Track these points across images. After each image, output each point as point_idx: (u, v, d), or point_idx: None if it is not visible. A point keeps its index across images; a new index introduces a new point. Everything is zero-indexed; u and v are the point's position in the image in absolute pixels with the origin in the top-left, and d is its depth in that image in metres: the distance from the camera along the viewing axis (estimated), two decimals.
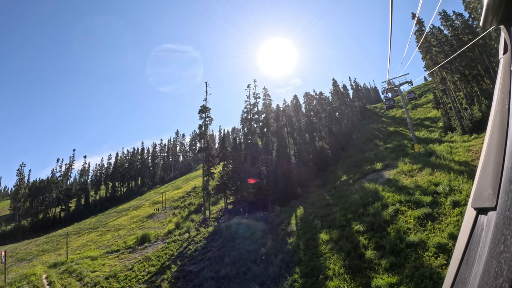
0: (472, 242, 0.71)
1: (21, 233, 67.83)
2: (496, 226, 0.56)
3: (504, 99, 0.66)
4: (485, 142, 0.74)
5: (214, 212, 33.71)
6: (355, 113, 65.82)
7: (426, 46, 36.24)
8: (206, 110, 35.36)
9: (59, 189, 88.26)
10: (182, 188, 65.51)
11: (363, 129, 60.50)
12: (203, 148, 33.43)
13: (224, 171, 30.70)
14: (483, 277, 0.56)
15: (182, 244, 27.52)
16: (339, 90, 60.69)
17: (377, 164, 27.84)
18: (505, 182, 0.58)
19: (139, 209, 55.80)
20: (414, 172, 21.32)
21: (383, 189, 19.51)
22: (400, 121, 56.77)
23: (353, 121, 61.77)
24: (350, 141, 53.46)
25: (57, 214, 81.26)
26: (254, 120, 39.81)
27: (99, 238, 40.87)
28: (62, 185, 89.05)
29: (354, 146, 48.77)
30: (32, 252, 41.43)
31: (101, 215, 62.96)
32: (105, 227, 49.84)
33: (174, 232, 32.77)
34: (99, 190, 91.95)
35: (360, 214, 17.22)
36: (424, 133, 39.66)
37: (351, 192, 22.56)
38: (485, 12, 0.66)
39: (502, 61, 0.71)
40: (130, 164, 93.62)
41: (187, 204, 46.53)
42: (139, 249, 30.58)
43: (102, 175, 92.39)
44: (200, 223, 31.72)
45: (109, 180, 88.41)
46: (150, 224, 42.68)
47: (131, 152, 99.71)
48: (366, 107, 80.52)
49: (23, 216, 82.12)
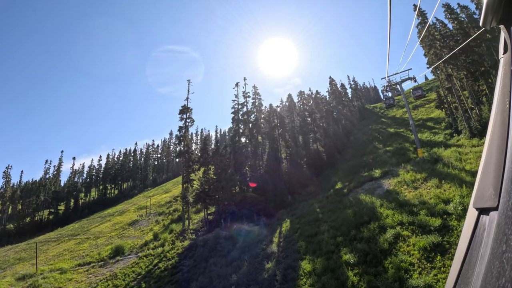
0: (474, 242, 0.71)
1: (6, 237, 65.11)
2: (498, 226, 0.56)
3: (505, 99, 0.67)
4: (486, 142, 0.74)
5: (195, 222, 30.58)
6: (354, 113, 62.55)
7: (430, 40, 33.00)
8: (188, 110, 32.12)
9: (47, 192, 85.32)
10: (171, 192, 62.47)
11: (362, 130, 57.21)
12: (183, 152, 30.23)
13: (204, 178, 27.58)
14: (486, 277, 0.55)
15: (152, 261, 24.43)
16: (336, 89, 57.38)
17: (375, 171, 24.63)
18: (506, 182, 0.58)
19: (124, 215, 53.01)
20: (418, 182, 18.10)
21: (381, 204, 16.30)
22: (401, 122, 53.45)
23: (351, 122, 58.53)
24: (347, 143, 50.19)
25: (45, 217, 78.37)
26: (243, 121, 36.62)
27: (77, 246, 38.94)
28: (51, 188, 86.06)
29: (351, 149, 45.52)
30: (9, 260, 39.17)
31: (85, 220, 60.22)
32: (85, 234, 47.72)
33: (150, 244, 30.03)
34: (89, 193, 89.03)
35: (352, 237, 14.02)
36: (427, 135, 36.37)
37: (344, 206, 19.35)
38: (485, 11, 0.67)
39: (502, 61, 0.71)
40: (122, 165, 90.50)
41: (172, 210, 43.54)
42: (110, 262, 28.42)
43: (92, 177, 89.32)
44: (178, 235, 28.60)
45: (100, 183, 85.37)
46: (130, 233, 40.01)
47: (124, 153, 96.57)
48: (365, 107, 77.23)
49: (9, 220, 79.17)
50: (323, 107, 50.67)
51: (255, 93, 38.16)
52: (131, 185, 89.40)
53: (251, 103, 37.36)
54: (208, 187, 26.50)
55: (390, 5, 3.20)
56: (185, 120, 31.55)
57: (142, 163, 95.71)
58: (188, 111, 32.13)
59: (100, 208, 73.28)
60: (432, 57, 32.22)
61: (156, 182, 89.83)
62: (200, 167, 29.64)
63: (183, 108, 32.06)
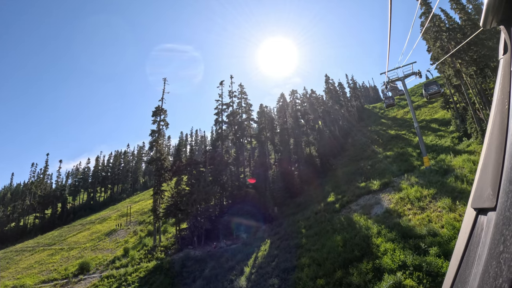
0: (472, 242, 0.71)
1: None
2: (496, 226, 0.56)
3: (504, 99, 0.67)
4: (485, 142, 0.74)
5: (170, 237, 26.99)
6: (352, 113, 58.80)
7: (435, 32, 29.34)
8: (162, 112, 28.26)
9: (33, 196, 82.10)
10: None
11: (361, 131, 53.45)
12: (154, 160, 26.53)
13: (176, 189, 23.92)
14: (483, 277, 0.56)
15: (111, 286, 20.92)
16: (333, 88, 53.58)
17: (373, 182, 20.97)
18: (504, 182, 0.58)
19: (104, 223, 49.90)
20: (425, 201, 14.47)
21: (378, 232, 12.66)
22: (402, 123, 49.64)
23: (349, 123, 54.82)
24: (344, 146, 46.49)
25: (30, 223, 75.23)
26: (227, 123, 33.01)
27: (49, 258, 36.22)
28: (37, 191, 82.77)
29: (348, 153, 41.83)
30: None
31: (66, 227, 57.22)
32: (61, 244, 45.17)
33: (117, 261, 27.09)
34: (79, 195, 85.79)
35: (337, 281, 10.40)
36: (431, 139, 32.66)
37: (334, 228, 15.71)
38: (485, 12, 0.67)
39: (502, 62, 0.72)
40: (112, 168, 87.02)
41: (152, 219, 40.23)
42: (72, 282, 27.15)
43: (80, 181, 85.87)
44: (147, 252, 25.05)
45: (88, 186, 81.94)
46: (105, 244, 37.06)
47: (115, 155, 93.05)
48: (365, 107, 73.46)
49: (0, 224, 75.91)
50: (318, 107, 46.96)
51: (242, 92, 34.49)
52: (122, 188, 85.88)
53: (237, 103, 33.74)
54: (180, 200, 22.92)
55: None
56: (158, 123, 27.67)
57: (133, 165, 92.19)
58: (162, 112, 28.29)
59: (86, 213, 70.28)
60: (438, 51, 28.57)
61: (146, 185, 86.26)
62: (173, 176, 26.10)
63: (157, 109, 28.10)
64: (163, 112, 28.46)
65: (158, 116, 28.00)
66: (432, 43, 29.92)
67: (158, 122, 27.93)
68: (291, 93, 40.22)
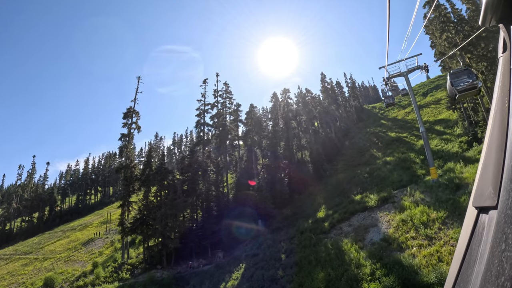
0: (474, 241, 0.71)
1: None
2: (498, 224, 0.56)
3: (504, 97, 0.67)
4: (485, 141, 0.74)
5: (140, 253, 23.93)
6: (350, 114, 55.61)
7: (442, 23, 26.20)
8: (134, 114, 24.99)
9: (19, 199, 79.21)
10: None
11: (359, 133, 50.20)
12: (122, 167, 23.41)
13: (144, 201, 20.89)
14: (485, 276, 0.55)
15: None
16: (330, 87, 50.37)
17: (370, 196, 17.76)
18: (505, 180, 0.58)
19: (85, 230, 47.36)
20: (434, 227, 11.34)
21: (371, 272, 9.55)
22: (403, 125, 46.33)
23: (347, 124, 51.64)
24: (341, 150, 43.29)
25: (16, 227, 72.52)
26: (211, 125, 29.92)
27: (22, 269, 34.28)
28: (23, 194, 79.93)
29: (345, 157, 38.64)
30: None
31: (48, 233, 54.63)
32: (38, 252, 42.59)
33: (81, 280, 24.07)
34: (68, 197, 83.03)
35: None
36: (436, 143, 29.46)
37: (318, 258, 12.59)
38: (484, 10, 0.67)
39: (502, 60, 0.72)
40: (102, 170, 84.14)
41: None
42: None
43: (69, 183, 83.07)
44: (114, 270, 22.05)
45: (76, 189, 79.16)
46: (79, 255, 34.59)
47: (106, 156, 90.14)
48: (364, 107, 70.21)
49: None
50: (314, 108, 43.79)
51: (227, 91, 31.35)
52: (112, 191, 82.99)
53: (221, 103, 30.63)
54: (148, 214, 19.92)
55: None
56: (129, 126, 24.42)
57: None
58: (134, 114, 25.03)
59: (73, 217, 67.77)
60: (445, 44, 25.42)
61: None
62: (141, 186, 23.08)
63: (128, 111, 24.67)
64: (135, 114, 25.15)
65: (129, 118, 24.70)
66: (438, 35, 26.76)
67: (129, 125, 24.65)
68: (282, 92, 37.08)
